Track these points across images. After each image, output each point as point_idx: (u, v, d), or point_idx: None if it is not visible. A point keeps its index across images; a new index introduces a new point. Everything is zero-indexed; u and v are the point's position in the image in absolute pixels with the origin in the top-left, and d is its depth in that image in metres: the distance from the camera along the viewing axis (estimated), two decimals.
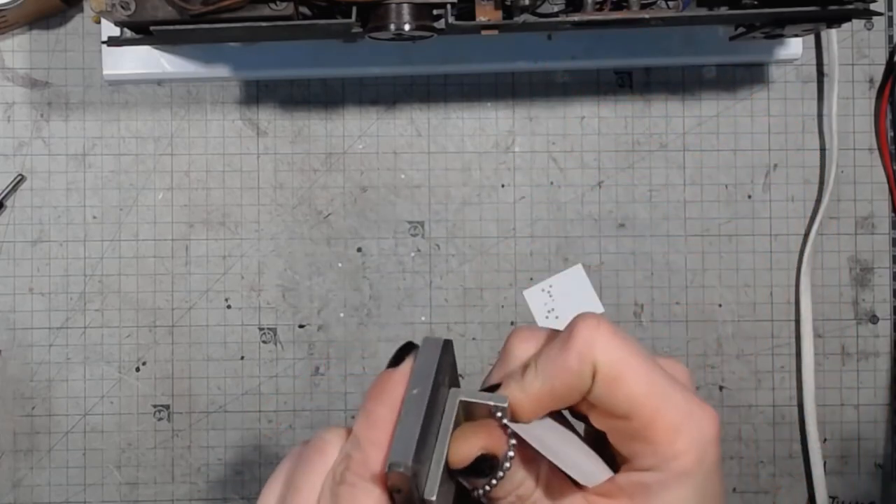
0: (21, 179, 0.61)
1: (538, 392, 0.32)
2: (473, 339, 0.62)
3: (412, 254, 0.62)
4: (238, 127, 0.61)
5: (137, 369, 0.61)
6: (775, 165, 0.63)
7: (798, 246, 0.62)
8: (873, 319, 0.63)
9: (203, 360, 0.61)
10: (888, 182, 0.63)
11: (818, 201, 0.62)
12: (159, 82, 0.61)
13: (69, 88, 0.61)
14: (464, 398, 0.31)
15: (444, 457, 0.30)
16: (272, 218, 0.61)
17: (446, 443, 0.31)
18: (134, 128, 0.61)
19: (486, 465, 0.31)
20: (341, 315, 0.61)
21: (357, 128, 0.62)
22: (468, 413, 0.32)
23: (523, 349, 0.34)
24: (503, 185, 0.62)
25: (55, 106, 0.61)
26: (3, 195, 0.60)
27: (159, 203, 0.61)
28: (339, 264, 0.62)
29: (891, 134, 0.63)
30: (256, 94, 0.62)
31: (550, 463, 0.31)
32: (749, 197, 0.62)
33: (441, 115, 0.62)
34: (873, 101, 0.63)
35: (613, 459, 0.33)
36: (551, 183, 0.62)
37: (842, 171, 0.62)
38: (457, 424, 0.31)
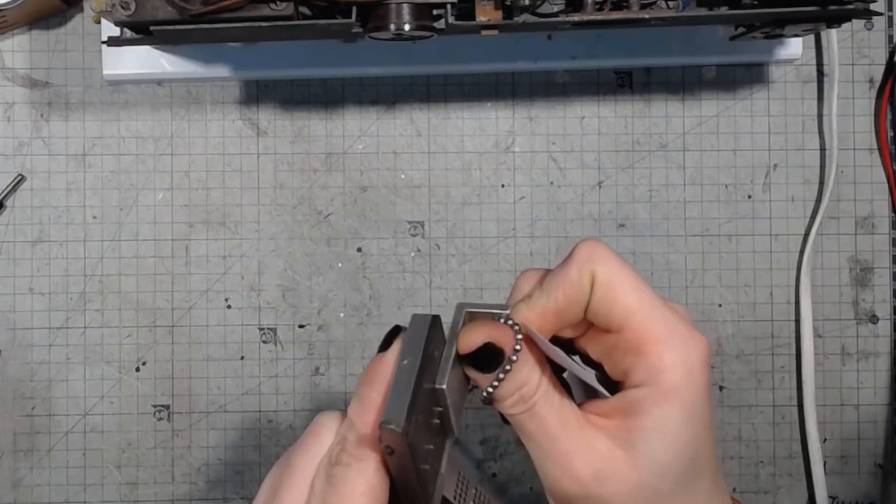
0: (21, 179, 0.61)
1: (543, 306, 0.34)
2: None
3: (412, 254, 0.62)
4: (238, 127, 0.61)
5: (137, 369, 0.61)
6: (775, 165, 0.63)
7: (798, 246, 0.62)
8: (873, 319, 0.63)
9: (203, 360, 0.61)
10: (888, 182, 0.63)
11: (818, 201, 0.62)
12: (159, 82, 0.61)
13: (69, 88, 0.61)
14: (470, 309, 0.34)
15: (454, 349, 0.32)
16: (272, 218, 0.61)
17: (455, 338, 0.33)
18: (134, 128, 0.61)
19: (492, 357, 0.33)
20: (341, 315, 0.61)
21: (357, 128, 0.62)
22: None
23: (529, 283, 0.35)
24: (503, 185, 0.62)
25: (55, 106, 0.61)
26: (3, 195, 0.60)
27: (159, 203, 0.61)
28: (339, 264, 0.62)
29: (891, 134, 0.63)
30: (256, 94, 0.62)
31: (551, 375, 0.34)
32: (749, 197, 0.62)
33: (441, 115, 0.62)
34: (873, 101, 0.63)
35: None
36: (551, 183, 0.62)
37: (842, 171, 0.62)
38: None
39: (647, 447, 0.32)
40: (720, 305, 0.62)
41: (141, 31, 0.47)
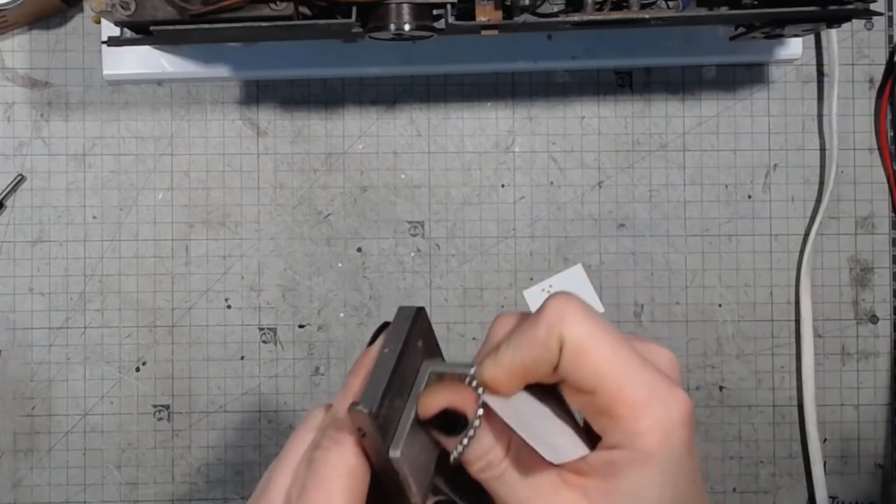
0: (21, 179, 0.61)
1: (509, 364, 0.32)
2: (473, 338, 0.62)
3: (412, 254, 0.62)
4: (238, 127, 0.61)
5: (137, 369, 0.61)
6: (775, 165, 0.63)
7: (798, 246, 0.62)
8: (873, 319, 0.63)
9: (203, 360, 0.61)
10: (888, 182, 0.63)
11: (818, 201, 0.62)
12: (159, 82, 0.61)
13: (69, 88, 0.61)
14: (434, 368, 0.33)
15: (413, 413, 0.32)
16: (272, 218, 0.61)
17: (415, 399, 0.32)
18: (134, 128, 0.61)
19: (454, 422, 0.32)
20: (341, 315, 0.61)
21: (357, 128, 0.62)
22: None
23: (503, 329, 0.34)
24: (503, 185, 0.62)
25: (55, 106, 0.61)
26: (3, 195, 0.60)
27: (159, 203, 0.61)
28: (339, 264, 0.62)
29: (891, 134, 0.63)
30: (256, 94, 0.62)
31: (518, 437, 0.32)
32: (749, 197, 0.62)
33: (441, 115, 0.62)
34: (873, 101, 0.63)
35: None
36: (551, 183, 0.62)
37: (842, 171, 0.62)
38: None
39: None
40: (720, 305, 0.62)
41: (141, 31, 0.47)
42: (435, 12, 0.48)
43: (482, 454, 0.32)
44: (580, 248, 0.62)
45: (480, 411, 0.32)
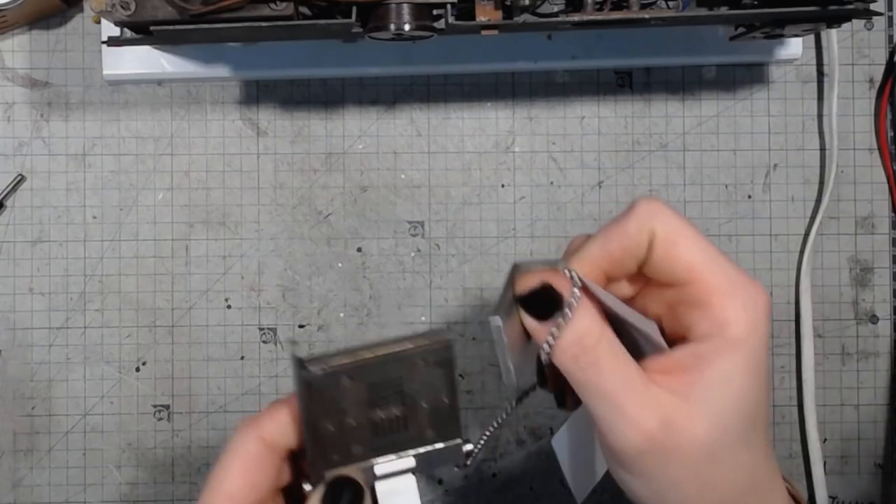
0: (21, 179, 0.61)
1: (596, 255, 0.34)
2: (473, 339, 0.62)
3: (412, 254, 0.62)
4: (238, 127, 0.61)
5: (137, 369, 0.61)
6: (775, 165, 0.63)
7: (798, 246, 0.62)
8: (873, 319, 0.63)
9: (203, 360, 0.61)
10: (888, 182, 0.63)
11: (818, 201, 0.62)
12: (159, 82, 0.61)
13: (69, 88, 0.61)
14: (523, 264, 0.33)
15: (509, 295, 0.33)
16: (272, 218, 0.61)
17: (510, 285, 0.33)
18: (134, 128, 0.61)
19: (550, 304, 0.32)
20: (341, 315, 0.61)
21: (357, 128, 0.62)
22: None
23: (579, 243, 0.36)
24: (503, 185, 0.62)
25: (55, 106, 0.61)
26: (3, 195, 0.60)
27: (159, 203, 0.61)
28: (339, 264, 0.62)
29: (891, 134, 0.63)
30: (256, 94, 0.62)
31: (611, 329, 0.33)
32: (749, 197, 0.62)
33: (441, 115, 0.62)
34: (873, 101, 0.63)
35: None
36: (551, 183, 0.62)
37: (842, 171, 0.62)
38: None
39: (713, 399, 0.32)
40: None
41: (141, 31, 0.47)
42: (435, 12, 0.47)
43: (577, 338, 0.33)
44: None
45: (578, 291, 0.32)
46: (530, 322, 0.33)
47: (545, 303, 0.33)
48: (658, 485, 0.33)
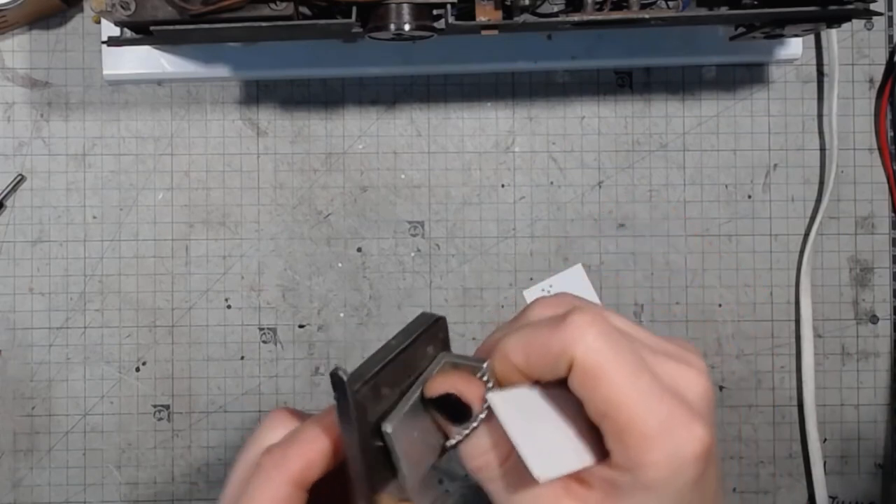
0: (21, 179, 0.61)
1: (519, 363, 0.32)
2: (473, 339, 0.62)
3: (412, 254, 0.62)
4: (238, 127, 0.61)
5: (137, 369, 0.61)
6: (775, 165, 0.63)
7: (798, 246, 0.62)
8: (873, 319, 0.63)
9: (203, 360, 0.61)
10: (888, 182, 0.63)
11: (818, 201, 0.62)
12: (159, 82, 0.61)
13: (69, 88, 0.61)
14: (449, 359, 0.33)
15: (417, 394, 0.31)
16: (272, 218, 0.61)
17: (423, 383, 0.32)
18: (134, 128, 0.61)
19: (457, 411, 0.31)
20: (341, 315, 0.61)
21: (357, 128, 0.62)
22: None
23: (533, 316, 0.34)
24: (503, 185, 0.62)
25: (55, 106, 0.61)
26: (3, 195, 0.60)
27: (159, 203, 0.61)
28: (339, 264, 0.62)
29: (891, 134, 0.63)
30: (256, 94, 0.62)
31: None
32: (749, 197, 0.62)
33: (441, 115, 0.62)
34: (873, 101, 0.63)
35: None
36: (551, 183, 0.62)
37: (842, 171, 0.62)
38: None
39: None
40: (720, 305, 0.62)
41: (141, 31, 0.47)
42: (435, 12, 0.47)
43: (480, 452, 0.32)
44: (580, 248, 0.62)
45: (486, 407, 0.31)
46: (436, 416, 0.32)
47: (453, 408, 0.32)
48: None
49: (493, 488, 0.32)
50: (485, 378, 0.32)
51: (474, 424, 0.31)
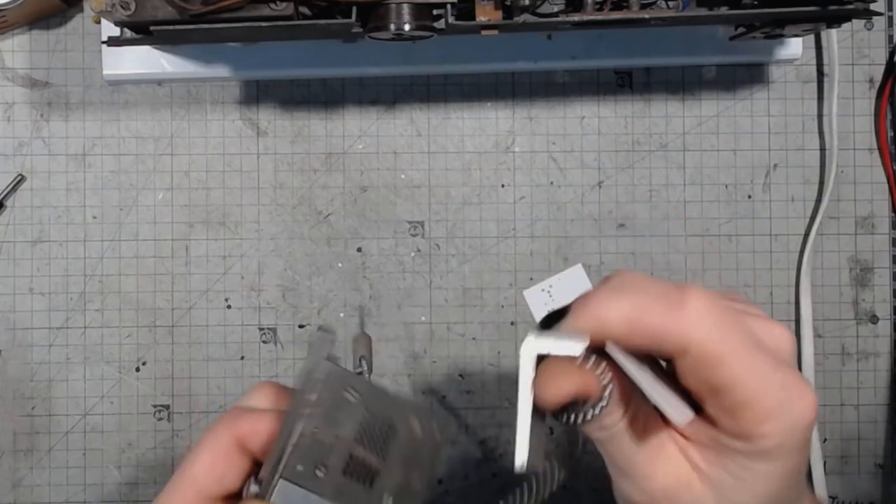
0: (21, 179, 0.61)
1: (617, 335, 0.30)
2: (473, 338, 0.62)
3: (412, 254, 0.62)
4: (238, 127, 0.61)
5: (137, 369, 0.61)
6: (775, 165, 0.63)
7: (798, 246, 0.62)
8: (873, 319, 0.63)
9: (203, 360, 0.61)
10: (888, 182, 0.63)
11: (818, 201, 0.62)
12: (159, 82, 0.61)
13: (69, 88, 0.61)
14: (541, 351, 0.30)
15: (530, 404, 0.30)
16: (272, 218, 0.61)
17: (529, 390, 0.30)
18: (134, 128, 0.61)
19: (578, 408, 0.31)
20: (341, 315, 0.61)
21: (357, 128, 0.62)
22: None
23: (624, 284, 0.31)
24: (503, 185, 0.62)
25: (55, 106, 0.61)
26: (3, 195, 0.60)
27: (159, 203, 0.61)
28: (339, 264, 0.62)
29: (891, 134, 0.63)
30: (256, 94, 0.62)
31: (638, 397, 0.31)
32: (749, 197, 0.62)
33: (441, 115, 0.62)
34: (873, 101, 0.63)
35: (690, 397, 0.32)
36: (551, 183, 0.62)
37: (842, 171, 0.62)
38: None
39: (726, 492, 0.31)
40: None
41: (141, 31, 0.47)
42: (435, 12, 0.47)
43: (602, 426, 0.32)
44: (580, 248, 0.62)
45: (608, 393, 0.30)
46: (559, 421, 0.32)
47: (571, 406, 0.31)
48: None
49: (614, 446, 0.32)
50: (588, 359, 0.31)
51: (599, 410, 0.31)
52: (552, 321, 0.31)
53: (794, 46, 0.61)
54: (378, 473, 0.32)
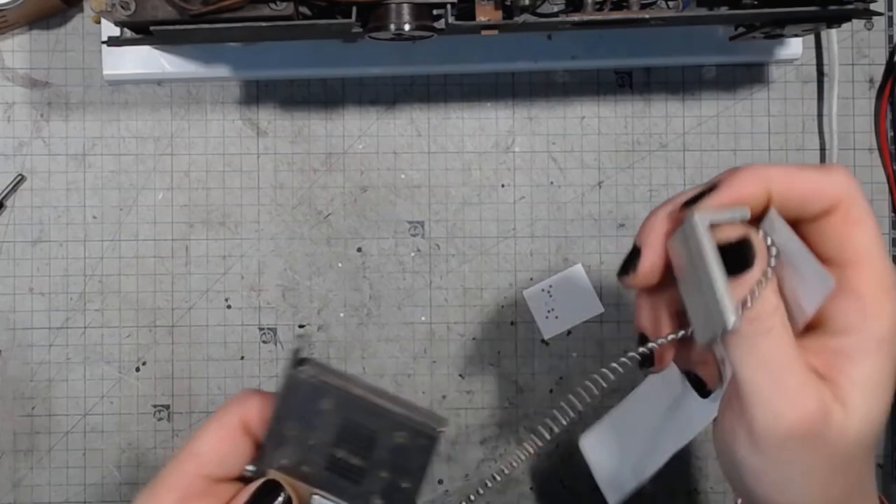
0: (21, 179, 0.61)
1: (778, 191, 0.32)
2: (473, 338, 0.62)
3: (412, 254, 0.62)
4: (238, 127, 0.61)
5: (137, 369, 0.61)
6: None
7: None
8: None
9: (203, 360, 0.61)
10: (888, 182, 0.63)
11: None
12: (159, 82, 0.61)
13: (69, 88, 0.61)
14: (705, 220, 0.31)
15: (707, 247, 0.31)
16: (272, 218, 0.61)
17: (705, 236, 0.31)
18: (134, 128, 0.61)
19: (742, 262, 0.31)
20: (341, 315, 0.61)
21: (357, 128, 0.62)
22: None
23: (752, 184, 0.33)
24: (503, 185, 0.62)
25: (55, 106, 0.61)
26: (3, 195, 0.60)
27: (159, 203, 0.61)
28: (339, 264, 0.62)
29: (891, 134, 0.63)
30: (256, 94, 0.62)
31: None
32: None
33: (441, 115, 0.62)
34: (873, 101, 0.63)
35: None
36: (551, 183, 0.62)
37: None
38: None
39: (861, 401, 0.32)
40: None
41: (141, 31, 0.47)
42: (435, 12, 0.47)
43: (763, 311, 0.32)
44: (580, 248, 0.62)
45: (773, 262, 0.32)
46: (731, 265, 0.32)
47: (737, 259, 0.31)
48: (790, 472, 0.32)
49: (761, 344, 0.31)
50: (761, 234, 0.32)
51: (765, 280, 0.31)
52: (629, 264, 0.34)
53: (794, 46, 0.61)
54: (364, 473, 0.33)
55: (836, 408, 0.31)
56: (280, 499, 0.32)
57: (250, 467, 0.33)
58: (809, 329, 0.33)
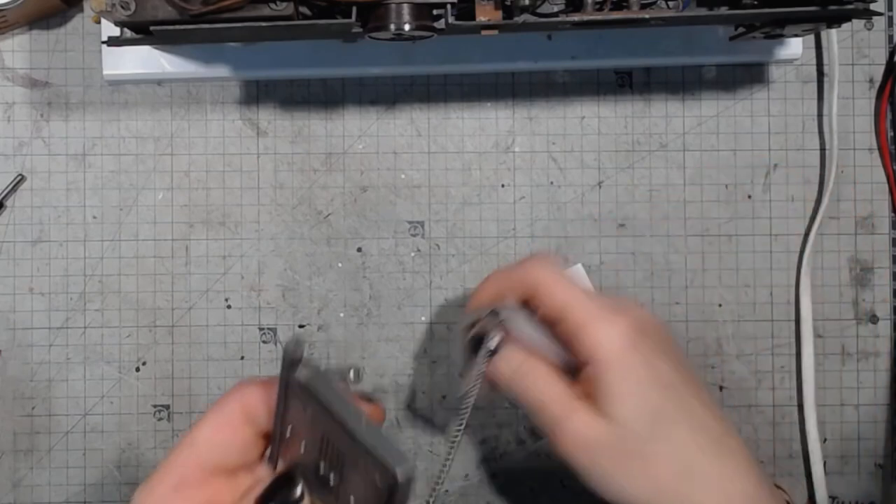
0: (21, 179, 0.61)
1: (494, 291, 0.47)
2: None
3: (412, 254, 0.62)
4: (238, 127, 0.61)
5: (137, 369, 0.61)
6: (775, 165, 0.63)
7: (798, 246, 0.62)
8: (873, 319, 0.63)
9: (203, 360, 0.61)
10: (888, 182, 0.63)
11: (818, 201, 0.62)
12: (159, 82, 0.61)
13: (69, 88, 0.61)
14: (465, 322, 0.46)
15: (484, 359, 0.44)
16: (272, 218, 0.61)
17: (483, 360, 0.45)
18: (134, 128, 0.61)
19: (480, 341, 0.45)
20: (341, 315, 0.61)
21: (357, 128, 0.62)
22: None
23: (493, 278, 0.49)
24: (503, 185, 0.62)
25: (55, 106, 0.61)
26: (3, 195, 0.60)
27: (159, 203, 0.61)
28: (339, 264, 0.62)
29: (891, 134, 0.63)
30: (256, 94, 0.62)
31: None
32: (749, 197, 0.62)
33: (441, 115, 0.62)
34: (873, 101, 0.63)
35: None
36: (551, 183, 0.62)
37: (842, 171, 0.62)
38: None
39: (610, 409, 0.40)
40: (720, 305, 0.62)
41: (141, 31, 0.47)
42: (435, 12, 0.48)
43: (506, 360, 0.44)
44: (580, 248, 0.62)
45: (498, 335, 0.44)
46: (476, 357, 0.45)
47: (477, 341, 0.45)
48: (599, 477, 0.41)
49: (520, 386, 0.44)
50: (490, 314, 0.45)
51: (492, 347, 0.44)
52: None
53: (794, 46, 0.61)
54: (339, 490, 0.34)
55: (599, 430, 0.41)
56: (297, 491, 0.35)
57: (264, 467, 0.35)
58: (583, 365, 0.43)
